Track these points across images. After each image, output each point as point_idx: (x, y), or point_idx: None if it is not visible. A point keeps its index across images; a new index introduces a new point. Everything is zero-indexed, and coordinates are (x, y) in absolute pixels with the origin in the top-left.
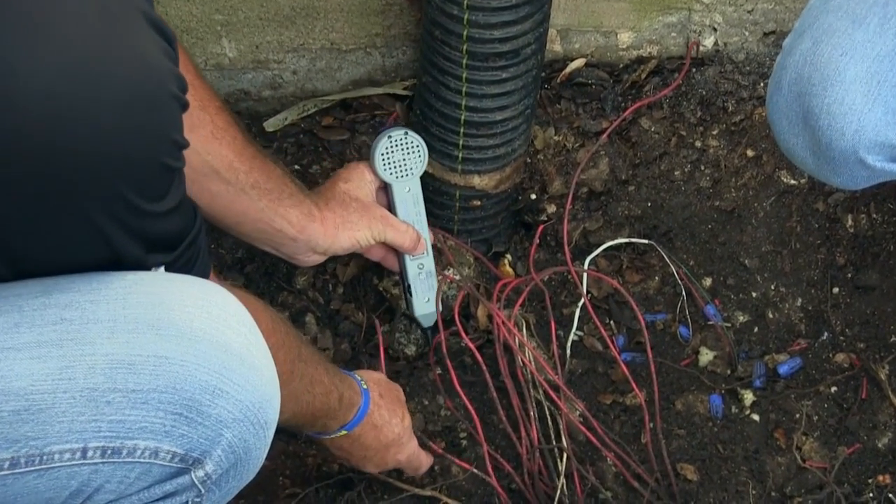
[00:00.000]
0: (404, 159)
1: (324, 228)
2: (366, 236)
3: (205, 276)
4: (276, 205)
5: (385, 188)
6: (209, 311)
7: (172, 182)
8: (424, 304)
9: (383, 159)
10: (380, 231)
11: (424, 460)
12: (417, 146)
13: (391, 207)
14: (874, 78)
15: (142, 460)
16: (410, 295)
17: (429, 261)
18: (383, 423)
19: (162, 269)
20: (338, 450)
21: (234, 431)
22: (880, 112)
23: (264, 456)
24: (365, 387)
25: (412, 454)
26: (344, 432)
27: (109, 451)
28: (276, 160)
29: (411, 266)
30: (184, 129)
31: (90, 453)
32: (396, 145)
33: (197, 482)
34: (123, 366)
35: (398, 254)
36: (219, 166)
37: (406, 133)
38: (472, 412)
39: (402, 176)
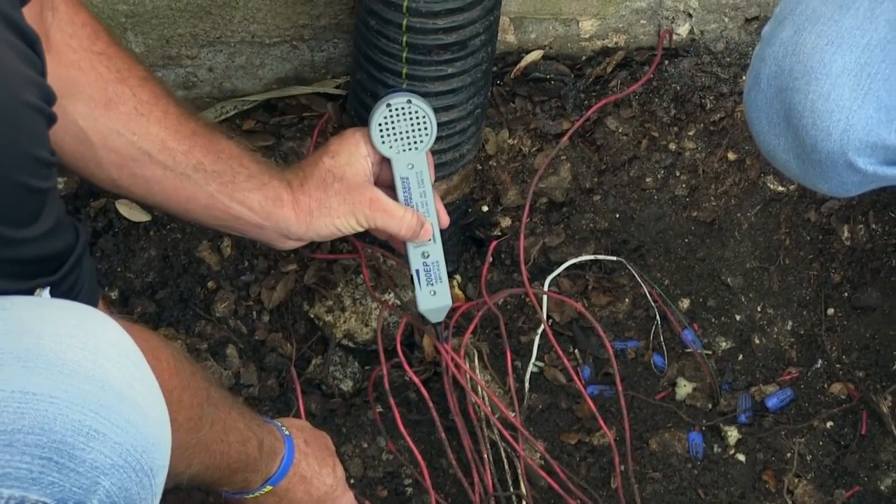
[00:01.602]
0: (407, 131)
1: (295, 214)
2: (349, 223)
3: (92, 304)
4: (231, 189)
5: (387, 162)
6: (85, 340)
7: (44, 203)
8: (430, 297)
9: (381, 130)
10: (367, 217)
11: None
12: (424, 116)
13: (393, 185)
14: (864, 70)
15: None
16: (414, 286)
17: (435, 248)
18: (312, 474)
19: (46, 292)
20: None
21: (112, 479)
22: (871, 108)
23: None
24: (287, 433)
25: None
26: (269, 488)
27: None
28: (229, 136)
29: (414, 254)
30: (50, 143)
31: None
32: (397, 115)
33: None
34: None
35: None
36: (149, 147)
37: (409, 101)
38: (418, 455)
39: (403, 150)
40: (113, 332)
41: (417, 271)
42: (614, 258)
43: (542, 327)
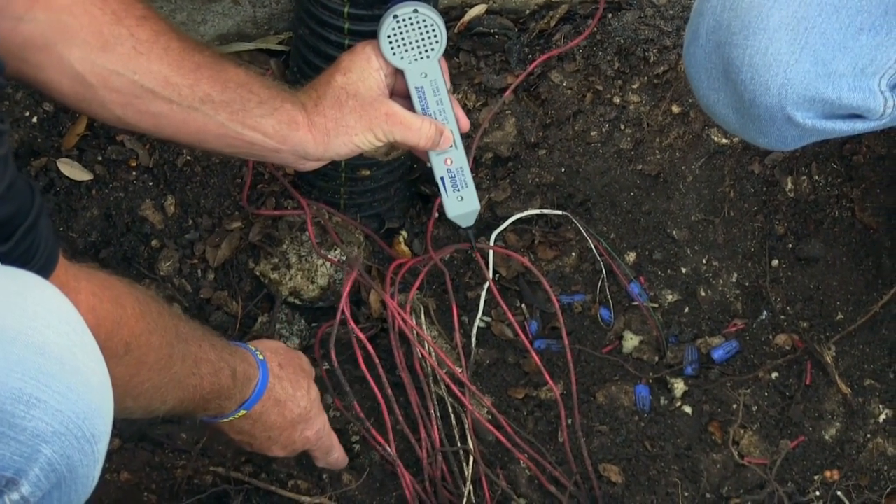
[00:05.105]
0: (417, 40)
1: (312, 136)
2: (367, 139)
3: (50, 265)
4: (242, 116)
5: (401, 73)
6: (24, 307)
7: None
8: (458, 203)
9: (391, 42)
10: (385, 131)
11: (336, 444)
12: (432, 24)
13: (409, 96)
14: (801, 24)
15: None
16: (440, 194)
17: (458, 154)
18: (287, 397)
19: None
20: (238, 434)
21: (53, 447)
22: (809, 63)
23: (95, 474)
24: (261, 357)
25: (321, 429)
26: (243, 412)
27: None
28: (237, 63)
29: (437, 161)
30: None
31: None
32: (405, 25)
33: None
34: None
35: None
36: (152, 85)
37: (416, 10)
38: (384, 411)
39: (415, 59)
40: (53, 299)
41: (442, 178)
42: (560, 212)
43: (488, 283)
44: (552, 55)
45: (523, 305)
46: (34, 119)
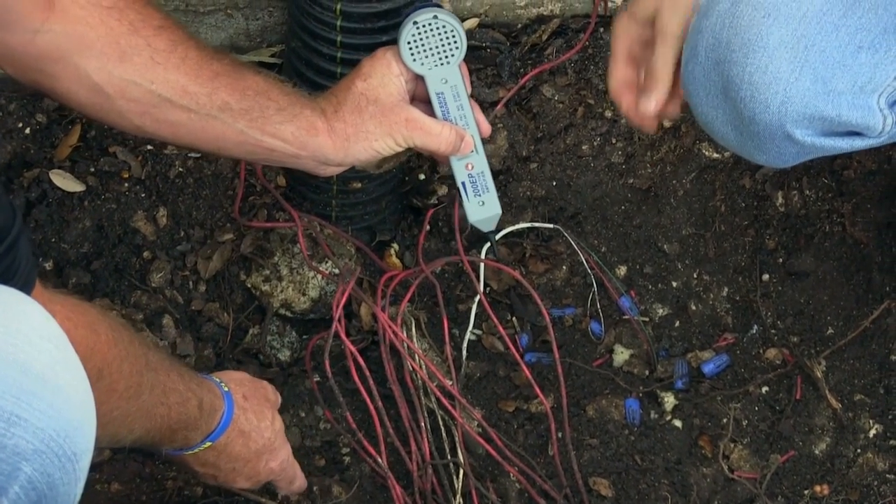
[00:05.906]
0: (437, 46)
1: (332, 141)
2: (387, 145)
3: (27, 288)
4: (261, 123)
5: (421, 79)
6: (6, 324)
7: None
8: (479, 208)
9: (410, 48)
10: (405, 137)
11: (299, 472)
12: (452, 30)
13: (429, 101)
14: (801, 42)
15: None
16: (461, 199)
17: (479, 159)
18: (251, 428)
19: None
20: (202, 466)
21: (34, 465)
22: (808, 80)
23: (77, 491)
24: (226, 389)
25: (285, 460)
26: (208, 444)
27: None
28: (257, 71)
29: (458, 167)
30: None
31: None
32: (425, 31)
33: None
34: None
35: None
36: (169, 94)
37: (436, 17)
38: (376, 423)
39: (435, 65)
40: (34, 315)
41: (463, 184)
42: (551, 226)
43: (478, 296)
44: (544, 69)
45: (514, 318)
46: (27, 130)
